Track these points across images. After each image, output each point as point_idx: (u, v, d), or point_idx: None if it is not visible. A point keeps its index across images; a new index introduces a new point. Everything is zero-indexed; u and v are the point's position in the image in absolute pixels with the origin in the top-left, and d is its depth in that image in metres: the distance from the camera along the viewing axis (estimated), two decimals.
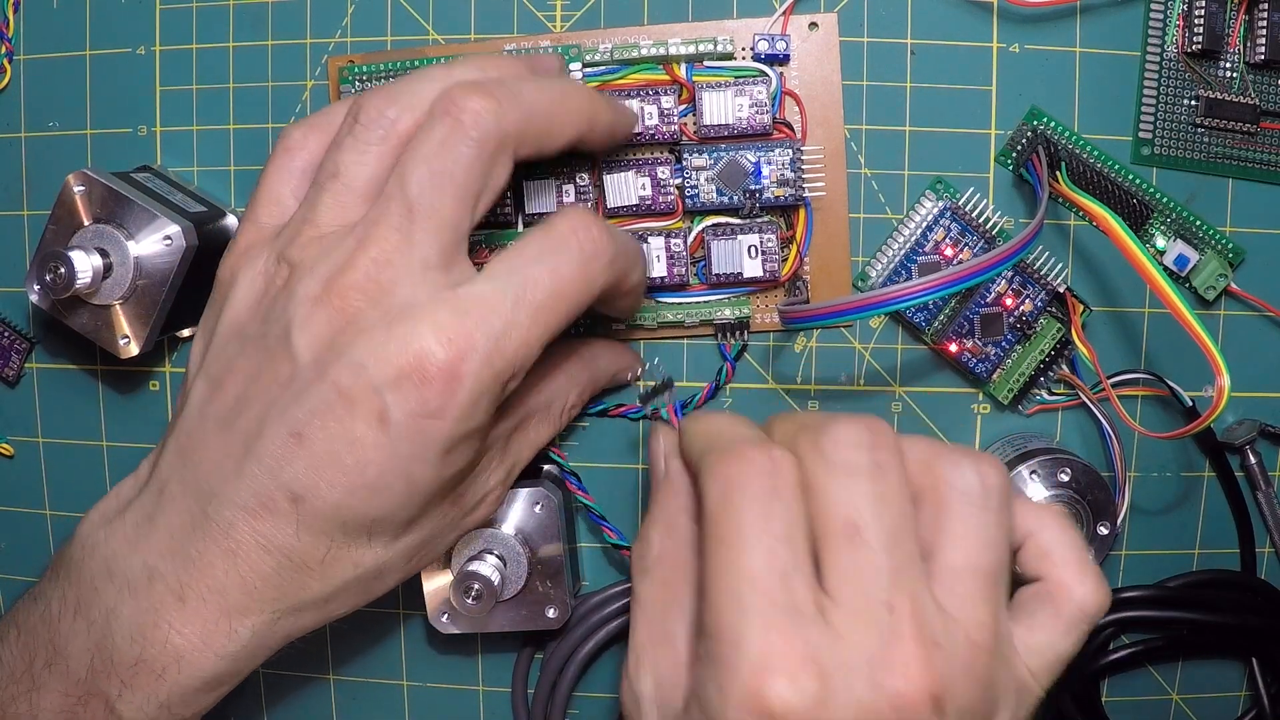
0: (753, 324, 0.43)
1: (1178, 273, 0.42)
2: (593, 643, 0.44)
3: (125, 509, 0.35)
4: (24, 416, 0.48)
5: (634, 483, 0.45)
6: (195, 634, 0.33)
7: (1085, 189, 0.42)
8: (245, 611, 0.34)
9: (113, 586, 0.34)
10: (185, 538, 0.33)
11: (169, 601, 0.33)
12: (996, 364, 0.43)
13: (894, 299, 0.34)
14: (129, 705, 0.34)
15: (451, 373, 0.32)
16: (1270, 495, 0.44)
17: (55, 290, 0.40)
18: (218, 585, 0.33)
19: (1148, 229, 0.42)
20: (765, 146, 0.41)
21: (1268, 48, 0.41)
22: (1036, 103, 0.42)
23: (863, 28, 0.42)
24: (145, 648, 0.33)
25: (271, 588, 0.34)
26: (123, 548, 0.34)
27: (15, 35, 0.46)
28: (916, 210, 0.42)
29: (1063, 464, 0.41)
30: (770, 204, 0.41)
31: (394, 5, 0.44)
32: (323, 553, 0.34)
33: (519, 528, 0.42)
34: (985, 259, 0.35)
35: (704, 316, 0.42)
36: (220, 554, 0.33)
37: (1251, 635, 0.43)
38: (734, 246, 0.41)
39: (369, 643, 0.47)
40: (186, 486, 0.34)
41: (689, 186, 0.41)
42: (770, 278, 0.41)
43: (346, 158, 0.34)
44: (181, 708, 0.34)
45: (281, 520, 0.33)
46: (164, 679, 0.33)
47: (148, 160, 0.45)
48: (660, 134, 0.41)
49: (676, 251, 0.41)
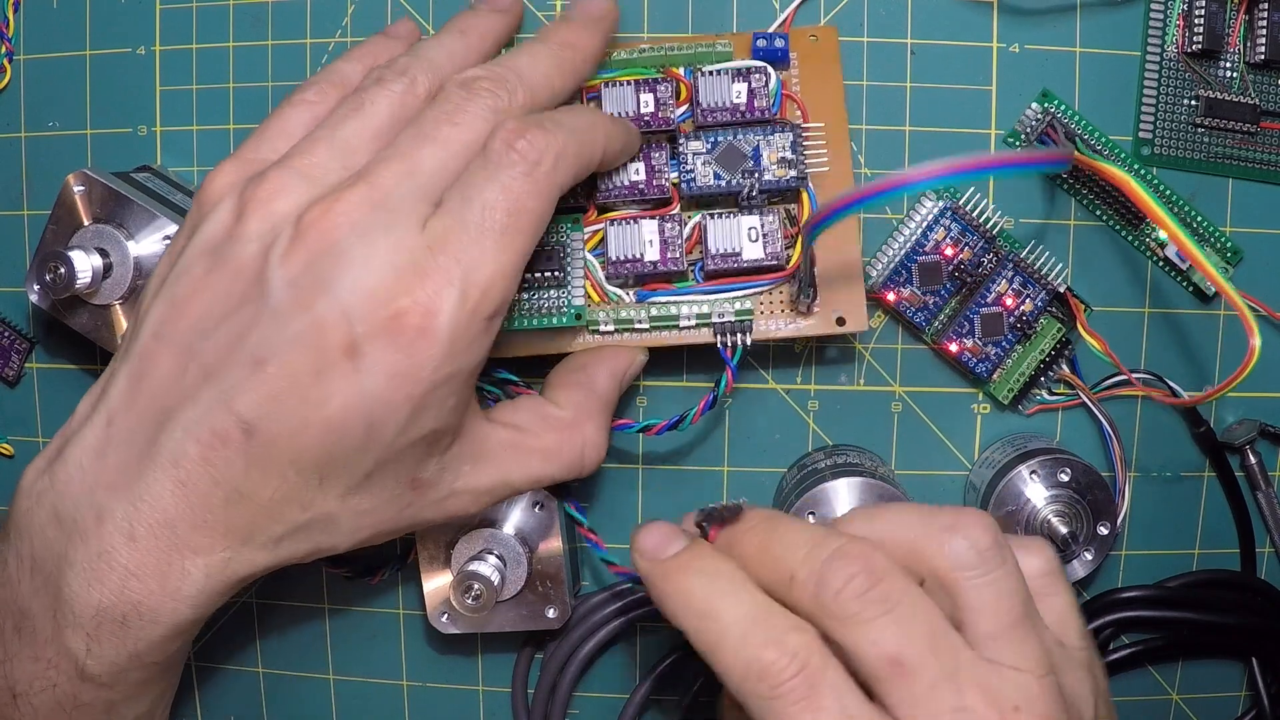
0: (755, 329, 0.40)
1: (1178, 265, 0.42)
2: (593, 643, 0.44)
3: (66, 449, 0.34)
4: (24, 416, 0.47)
5: (634, 482, 0.45)
6: (150, 575, 0.32)
7: (1088, 179, 0.42)
8: (196, 549, 0.33)
9: (62, 532, 0.33)
10: (134, 470, 0.32)
11: (119, 542, 0.32)
12: (996, 364, 0.43)
13: (908, 181, 0.32)
14: (98, 660, 0.33)
15: (429, 310, 0.31)
16: (1270, 495, 0.44)
17: (55, 290, 0.40)
18: (167, 519, 0.32)
19: (1149, 223, 0.42)
20: (765, 130, 0.40)
21: (1268, 47, 0.41)
22: None
23: (863, 28, 0.42)
24: (102, 594, 0.32)
25: (221, 523, 0.33)
26: (68, 489, 0.33)
27: (15, 35, 0.46)
28: (916, 210, 0.42)
29: (1063, 464, 0.41)
30: (771, 186, 0.39)
31: (394, 5, 0.44)
32: (272, 489, 0.32)
33: (519, 528, 0.42)
34: (1003, 155, 0.32)
35: (700, 313, 0.40)
36: (170, 485, 0.32)
37: (1251, 635, 0.43)
38: (733, 226, 0.40)
39: (369, 643, 0.47)
40: (138, 415, 0.33)
41: (685, 171, 0.40)
42: (772, 262, 0.40)
43: (373, 94, 0.35)
44: (151, 656, 0.34)
45: (232, 452, 0.32)
46: (127, 628, 0.33)
47: (148, 160, 0.45)
48: (657, 121, 0.39)
49: (671, 236, 0.40)
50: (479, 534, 0.41)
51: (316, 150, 0.34)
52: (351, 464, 0.33)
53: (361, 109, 0.35)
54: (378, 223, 0.32)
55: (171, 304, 0.34)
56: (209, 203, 0.35)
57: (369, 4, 0.44)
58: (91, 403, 0.35)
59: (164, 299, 0.34)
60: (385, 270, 0.31)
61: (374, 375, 0.31)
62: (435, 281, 0.31)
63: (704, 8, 0.43)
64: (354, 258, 0.31)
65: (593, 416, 0.39)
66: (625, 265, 0.40)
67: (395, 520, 0.36)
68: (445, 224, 0.32)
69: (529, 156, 0.33)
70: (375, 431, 0.32)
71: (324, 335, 0.31)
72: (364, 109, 0.35)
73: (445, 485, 0.36)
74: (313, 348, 0.31)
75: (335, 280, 0.31)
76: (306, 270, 0.32)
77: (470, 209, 0.32)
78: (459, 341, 0.32)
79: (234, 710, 0.48)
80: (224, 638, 0.47)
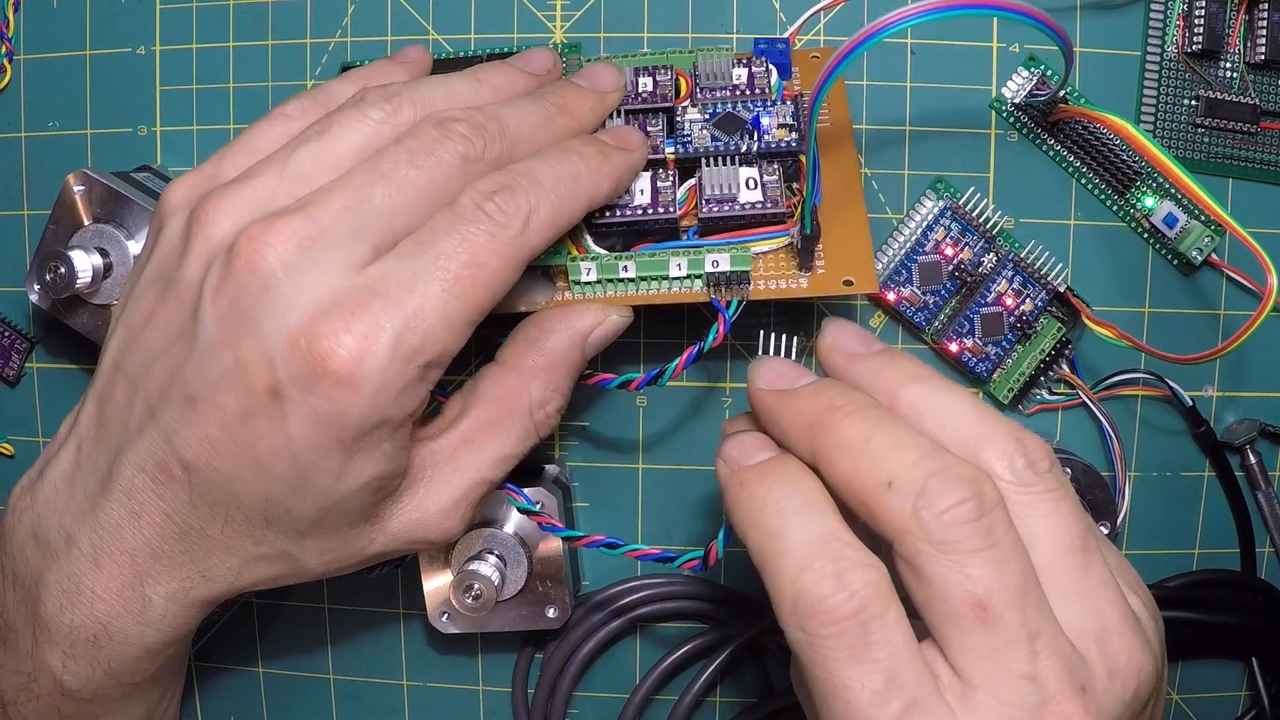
0: (755, 288, 0.37)
1: (1166, 232, 0.42)
2: (593, 643, 0.44)
3: (45, 470, 0.34)
4: (24, 416, 0.47)
5: (634, 482, 0.45)
6: (115, 599, 0.32)
7: (1076, 145, 0.42)
8: (156, 577, 0.33)
9: (39, 552, 0.33)
10: (97, 498, 0.32)
11: (86, 566, 0.32)
12: (996, 364, 0.43)
13: (891, 23, 0.30)
14: (75, 677, 0.33)
15: (354, 354, 0.29)
16: (1270, 495, 0.44)
17: (55, 290, 0.40)
18: (126, 548, 0.32)
19: (1136, 189, 0.42)
20: (766, 101, 0.38)
21: (1268, 48, 0.41)
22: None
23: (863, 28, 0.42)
24: (73, 615, 0.33)
25: (178, 554, 0.32)
26: (44, 511, 0.34)
27: (15, 35, 0.46)
28: (916, 210, 0.42)
29: (1063, 464, 0.41)
30: (771, 149, 0.37)
31: (394, 5, 0.44)
32: (220, 526, 0.32)
33: (519, 528, 0.42)
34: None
35: (693, 264, 0.36)
36: (126, 516, 0.32)
37: (1251, 635, 0.43)
38: (730, 173, 0.37)
39: (369, 643, 0.47)
40: (98, 445, 0.33)
41: (681, 135, 0.37)
42: (771, 208, 0.36)
43: (343, 119, 0.33)
44: (128, 675, 0.34)
45: (177, 488, 0.31)
46: (100, 647, 0.33)
47: (148, 160, 0.45)
48: (655, 98, 0.38)
49: (663, 187, 0.37)
50: (479, 534, 0.41)
51: (267, 172, 0.32)
52: (293, 509, 0.32)
53: (326, 133, 0.33)
54: (307, 258, 0.30)
55: (128, 331, 0.33)
56: (163, 217, 0.34)
57: (369, 4, 0.44)
58: (69, 426, 0.35)
59: (122, 325, 0.33)
60: (309, 310, 0.30)
61: (298, 420, 0.30)
62: (364, 325, 0.29)
63: (704, 8, 0.43)
64: (280, 294, 0.30)
65: (538, 375, 0.36)
66: (613, 213, 0.37)
67: (362, 553, 0.34)
68: (389, 267, 0.30)
69: (497, 219, 0.31)
70: (308, 477, 0.31)
71: (248, 376, 0.30)
72: (328, 134, 0.33)
73: (408, 514, 0.34)
74: (238, 389, 0.30)
75: (260, 318, 0.30)
76: (233, 307, 0.30)
77: (422, 255, 0.30)
78: (388, 389, 0.30)
79: (234, 710, 0.48)
80: (224, 638, 0.47)
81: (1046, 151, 0.42)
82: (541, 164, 0.33)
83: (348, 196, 0.31)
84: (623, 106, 0.38)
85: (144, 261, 0.34)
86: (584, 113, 0.36)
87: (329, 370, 0.29)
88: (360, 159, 0.32)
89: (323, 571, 0.35)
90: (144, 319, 0.33)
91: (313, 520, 0.32)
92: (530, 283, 0.37)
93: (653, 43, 0.43)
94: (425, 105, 0.34)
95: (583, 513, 0.45)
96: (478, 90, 0.35)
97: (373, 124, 0.33)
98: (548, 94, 0.36)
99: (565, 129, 0.35)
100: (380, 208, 0.31)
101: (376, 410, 0.30)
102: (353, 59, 0.44)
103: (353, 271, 0.30)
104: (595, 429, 0.45)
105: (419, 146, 0.32)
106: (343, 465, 0.31)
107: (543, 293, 0.38)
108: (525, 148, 0.34)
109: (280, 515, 0.32)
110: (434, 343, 0.30)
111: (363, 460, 0.31)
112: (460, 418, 0.36)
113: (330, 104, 0.35)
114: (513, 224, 0.31)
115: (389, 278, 0.30)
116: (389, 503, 0.34)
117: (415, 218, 0.31)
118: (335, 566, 0.35)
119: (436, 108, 0.34)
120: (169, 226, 0.33)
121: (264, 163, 0.33)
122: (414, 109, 0.33)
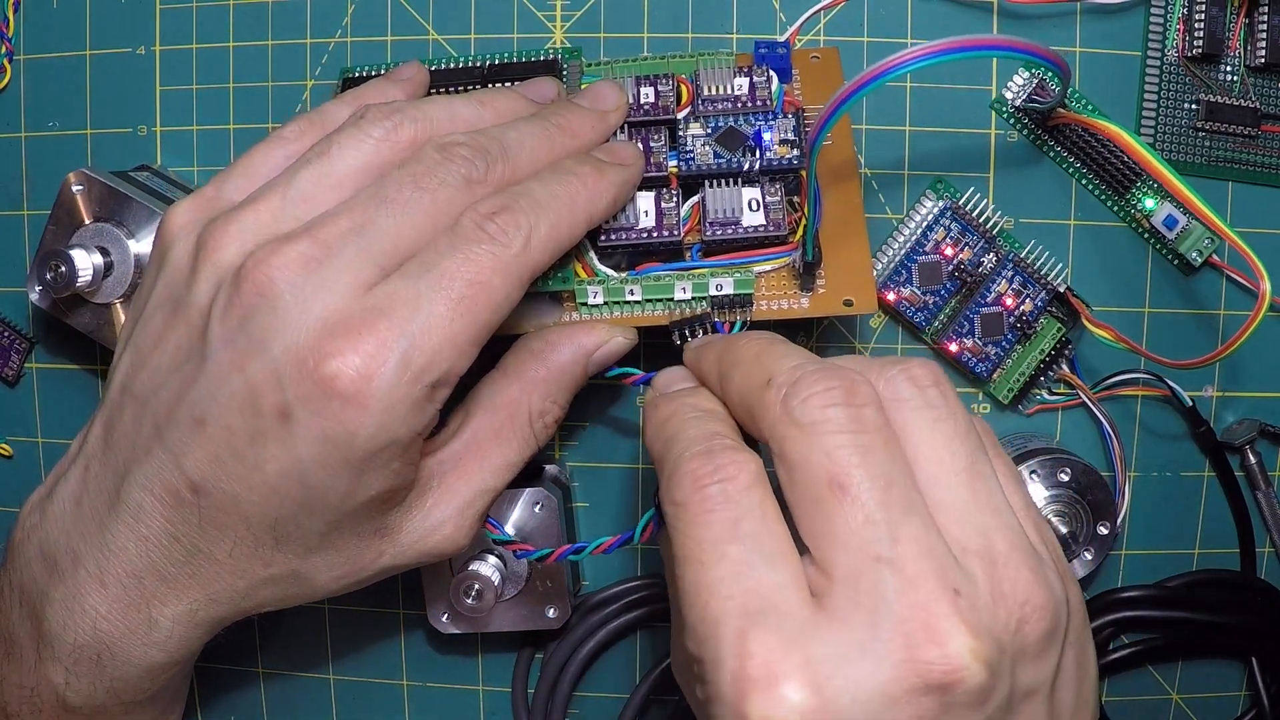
0: (756, 308, 0.38)
1: (1166, 234, 0.42)
2: (593, 643, 0.44)
3: (56, 487, 0.35)
4: (24, 416, 0.47)
5: (634, 482, 0.45)
6: (119, 620, 0.33)
7: (1076, 148, 0.42)
8: (162, 599, 0.33)
9: (45, 569, 0.34)
10: (104, 520, 0.33)
11: (92, 587, 0.33)
12: (996, 364, 0.43)
13: (894, 66, 0.30)
14: (77, 694, 0.34)
15: (362, 374, 0.29)
16: (1270, 495, 0.44)
17: (56, 289, 0.40)
18: (133, 570, 0.32)
19: (1136, 190, 0.42)
20: (767, 115, 0.38)
21: (1268, 51, 0.41)
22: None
23: (863, 28, 0.42)
24: (76, 633, 0.33)
25: (184, 576, 0.33)
26: (52, 529, 0.34)
27: (15, 35, 0.46)
28: (916, 210, 0.43)
29: (1063, 464, 0.41)
30: (773, 165, 0.38)
31: (394, 5, 0.44)
32: (228, 548, 0.32)
33: (519, 528, 0.42)
34: (990, 38, 0.31)
35: (698, 287, 0.37)
36: (133, 539, 0.32)
37: (1251, 635, 0.43)
38: (733, 194, 0.37)
39: (369, 643, 0.47)
40: (106, 466, 0.33)
41: (684, 152, 0.38)
42: (774, 230, 0.37)
43: (344, 139, 0.33)
44: (130, 694, 0.34)
45: (186, 510, 0.31)
46: (103, 666, 0.33)
47: (148, 160, 0.45)
48: (657, 109, 0.38)
49: (667, 209, 0.37)
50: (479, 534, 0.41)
51: (271, 196, 0.32)
52: (302, 526, 0.32)
53: (326, 154, 0.33)
54: (314, 280, 0.30)
55: (136, 354, 0.33)
56: (166, 242, 0.34)
57: (369, 4, 0.44)
58: (79, 443, 0.35)
59: (131, 348, 0.34)
60: (317, 331, 0.30)
61: (306, 440, 0.30)
62: (370, 345, 0.30)
63: (704, 8, 0.43)
64: (288, 316, 0.30)
65: (539, 386, 0.37)
66: (618, 235, 0.37)
67: (371, 567, 0.35)
68: (395, 287, 0.31)
69: (499, 239, 0.31)
70: (317, 496, 0.31)
71: (257, 398, 0.30)
72: (328, 155, 0.33)
73: (416, 525, 0.35)
74: (247, 410, 0.30)
75: (268, 340, 0.30)
76: (241, 328, 0.30)
77: (426, 275, 0.31)
78: (396, 409, 0.30)
79: (234, 710, 0.48)
80: (224, 638, 0.47)
81: (1047, 152, 0.43)
82: (539, 184, 0.33)
83: (353, 219, 0.31)
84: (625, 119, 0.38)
85: (150, 285, 0.34)
86: (586, 133, 0.36)
87: (337, 391, 0.30)
88: (362, 178, 0.33)
89: (332, 589, 0.35)
90: (152, 342, 0.33)
91: (322, 535, 0.33)
92: (538, 305, 0.38)
93: (653, 43, 0.43)
94: (426, 124, 0.34)
95: (583, 513, 0.45)
96: (480, 112, 0.35)
97: (373, 142, 0.33)
98: (549, 114, 0.36)
99: (567, 149, 0.35)
100: (385, 229, 0.31)
101: (385, 430, 0.30)
102: (353, 59, 0.44)
103: (359, 293, 0.30)
104: (595, 429, 0.45)
105: (422, 169, 0.32)
106: (352, 485, 0.31)
107: (550, 314, 0.38)
108: (527, 169, 0.34)
109: (289, 534, 0.32)
110: (440, 361, 0.31)
111: (372, 479, 0.32)
112: (463, 426, 0.36)
113: (328, 125, 0.35)
114: (514, 243, 0.31)
115: (395, 298, 0.30)
116: (397, 514, 0.34)
117: (419, 239, 0.32)
118: (345, 583, 0.35)
119: (438, 127, 0.34)
120: (174, 250, 0.33)
121: (267, 186, 0.33)
122: (415, 127, 0.34)
